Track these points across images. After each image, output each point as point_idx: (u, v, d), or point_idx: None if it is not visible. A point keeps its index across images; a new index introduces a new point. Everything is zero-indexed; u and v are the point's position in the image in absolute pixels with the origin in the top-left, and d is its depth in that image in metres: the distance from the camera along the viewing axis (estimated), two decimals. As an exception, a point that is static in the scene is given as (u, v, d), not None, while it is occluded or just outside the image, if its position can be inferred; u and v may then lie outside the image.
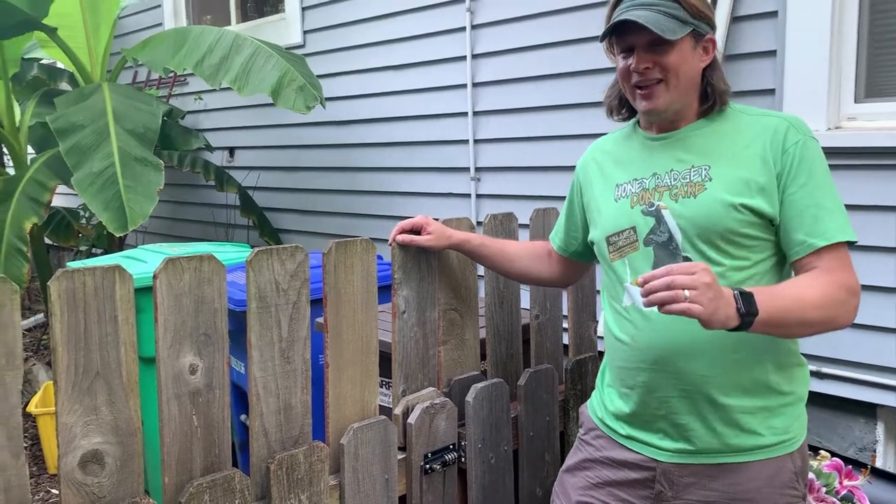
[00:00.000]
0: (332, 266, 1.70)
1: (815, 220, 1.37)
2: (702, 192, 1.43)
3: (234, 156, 5.09)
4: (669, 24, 1.40)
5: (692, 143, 1.48)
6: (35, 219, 3.76)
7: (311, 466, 1.63)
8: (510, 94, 3.45)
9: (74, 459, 1.35)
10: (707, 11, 1.45)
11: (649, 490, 1.51)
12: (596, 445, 1.62)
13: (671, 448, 1.48)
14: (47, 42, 4.36)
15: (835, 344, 2.52)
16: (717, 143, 1.46)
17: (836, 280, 1.35)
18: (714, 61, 1.48)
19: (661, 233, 1.46)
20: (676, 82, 1.44)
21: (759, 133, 1.44)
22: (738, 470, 1.44)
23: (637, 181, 1.53)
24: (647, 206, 1.49)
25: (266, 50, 3.73)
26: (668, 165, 1.49)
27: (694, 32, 1.43)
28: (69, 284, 1.32)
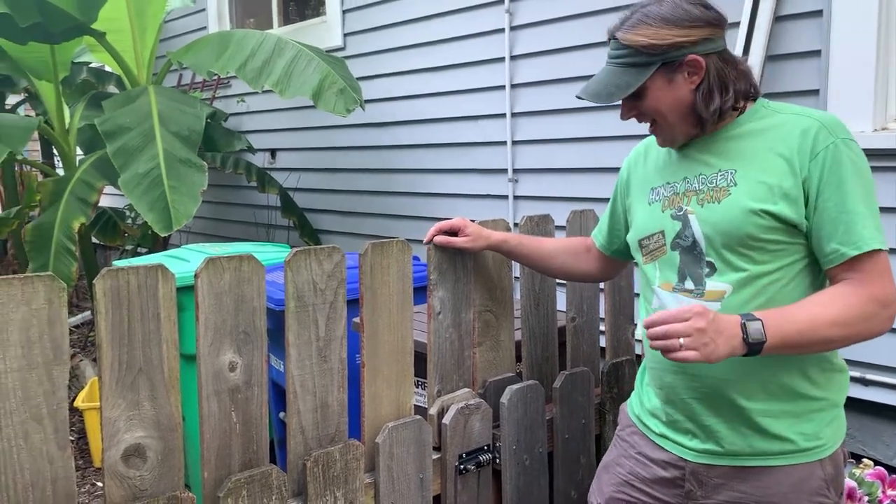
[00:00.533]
0: (368, 267, 1.72)
1: (847, 228, 1.33)
2: (725, 197, 1.41)
3: (276, 157, 5.16)
4: (622, 79, 1.41)
5: (722, 147, 1.46)
6: (83, 218, 3.86)
7: (346, 464, 1.65)
8: (548, 95, 3.44)
9: (118, 453, 1.39)
10: (672, 38, 1.38)
11: (679, 489, 1.52)
12: (630, 442, 1.63)
13: (699, 448, 1.48)
14: (96, 46, 4.47)
15: (880, 350, 2.46)
16: (745, 145, 1.43)
17: (867, 293, 1.31)
18: (707, 76, 1.40)
19: (686, 237, 1.46)
20: (665, 121, 1.46)
21: (788, 135, 1.39)
22: (766, 473, 1.43)
23: (669, 185, 1.53)
24: (675, 210, 1.49)
25: (307, 53, 3.78)
26: (698, 170, 1.48)
27: (663, 67, 1.40)
28: (114, 283, 1.36)
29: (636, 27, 1.41)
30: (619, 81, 1.42)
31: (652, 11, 1.41)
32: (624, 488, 1.61)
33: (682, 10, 1.40)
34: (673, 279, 1.48)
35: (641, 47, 1.40)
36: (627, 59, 1.42)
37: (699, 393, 1.46)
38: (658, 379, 1.54)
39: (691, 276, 1.45)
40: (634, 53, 1.41)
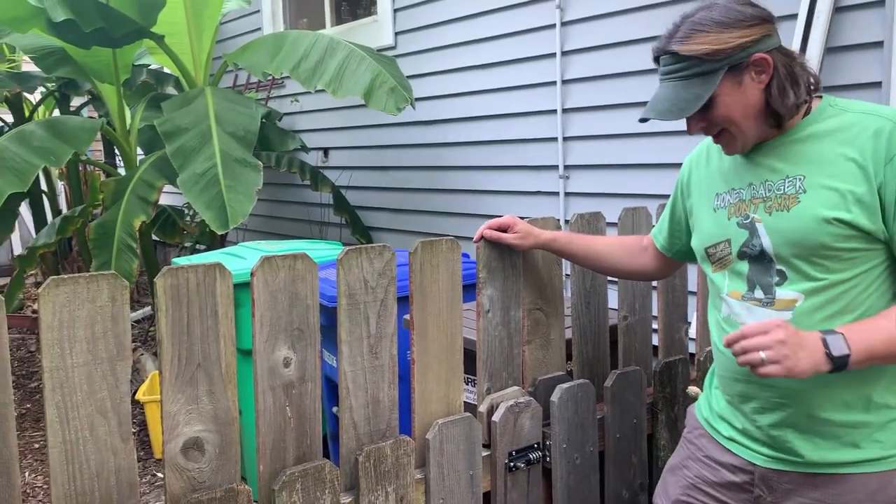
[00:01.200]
0: (417, 265, 1.74)
1: None
2: (795, 205, 1.36)
3: (328, 156, 5.23)
4: (690, 92, 1.35)
5: (787, 152, 1.41)
6: (144, 217, 3.98)
7: (397, 460, 1.67)
8: (600, 90, 3.41)
9: (177, 446, 1.44)
10: (735, 40, 1.33)
11: (748, 494, 1.49)
12: (698, 445, 1.60)
13: (770, 455, 1.45)
14: (155, 49, 4.60)
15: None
16: (813, 149, 1.38)
17: None
18: (777, 75, 1.36)
19: (754, 246, 1.42)
20: (737, 127, 1.39)
21: (858, 137, 1.33)
22: (839, 481, 1.39)
23: (734, 191, 1.48)
24: (742, 217, 1.45)
25: (359, 53, 3.82)
26: (764, 176, 1.43)
27: (730, 71, 1.34)
28: (174, 281, 1.41)
29: (692, 37, 1.35)
30: (688, 95, 1.35)
31: (704, 18, 1.35)
32: (691, 491, 1.58)
33: (736, 11, 1.35)
34: (742, 288, 1.44)
35: (705, 55, 1.33)
36: (690, 70, 1.35)
37: (771, 403, 1.42)
38: (728, 386, 1.51)
39: (760, 284, 1.41)
40: (697, 63, 1.34)
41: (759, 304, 1.42)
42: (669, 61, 1.38)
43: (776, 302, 1.39)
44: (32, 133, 3.92)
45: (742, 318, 1.44)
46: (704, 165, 1.60)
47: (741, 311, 1.44)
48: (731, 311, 1.47)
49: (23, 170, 3.70)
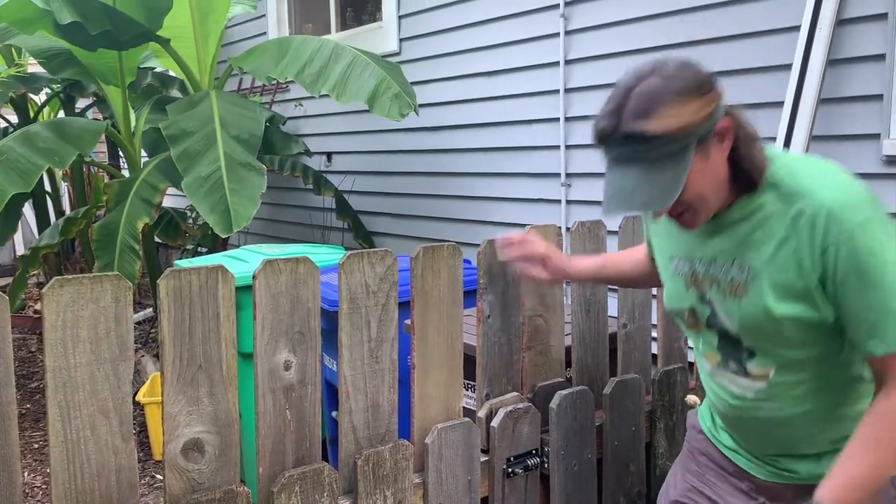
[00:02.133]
0: (419, 270, 1.75)
1: (873, 327, 1.20)
2: (744, 294, 1.31)
3: (332, 160, 5.25)
4: (665, 176, 1.19)
5: (733, 232, 1.32)
6: (147, 219, 4.00)
7: (396, 464, 1.68)
8: (602, 99, 3.41)
9: (177, 447, 1.45)
10: (701, 110, 1.20)
11: (753, 501, 1.50)
12: (701, 449, 1.61)
13: (769, 471, 1.47)
14: (161, 52, 4.62)
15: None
16: (757, 232, 1.29)
17: None
18: (738, 136, 1.26)
19: (719, 323, 1.39)
20: (703, 202, 1.27)
21: (794, 223, 1.24)
22: None
23: (687, 262, 1.42)
24: (700, 293, 1.41)
25: (363, 58, 3.84)
26: (713, 254, 1.36)
27: (698, 145, 1.21)
28: (176, 283, 1.42)
29: (654, 111, 1.18)
30: (664, 180, 1.20)
31: (660, 89, 1.20)
32: (691, 494, 1.59)
33: (692, 79, 1.21)
34: (716, 356, 1.44)
35: (676, 132, 1.18)
36: (659, 150, 1.19)
37: (763, 441, 1.44)
38: (723, 418, 1.51)
39: (731, 358, 1.41)
40: (667, 142, 1.18)
41: (735, 374, 1.42)
42: (630, 142, 1.20)
43: (749, 375, 1.39)
44: (37, 134, 3.94)
45: (722, 382, 1.45)
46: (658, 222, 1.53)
47: (720, 378, 1.45)
48: (712, 371, 1.48)
49: (27, 170, 3.72)
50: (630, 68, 1.26)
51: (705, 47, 2.98)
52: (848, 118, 2.59)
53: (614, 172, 1.24)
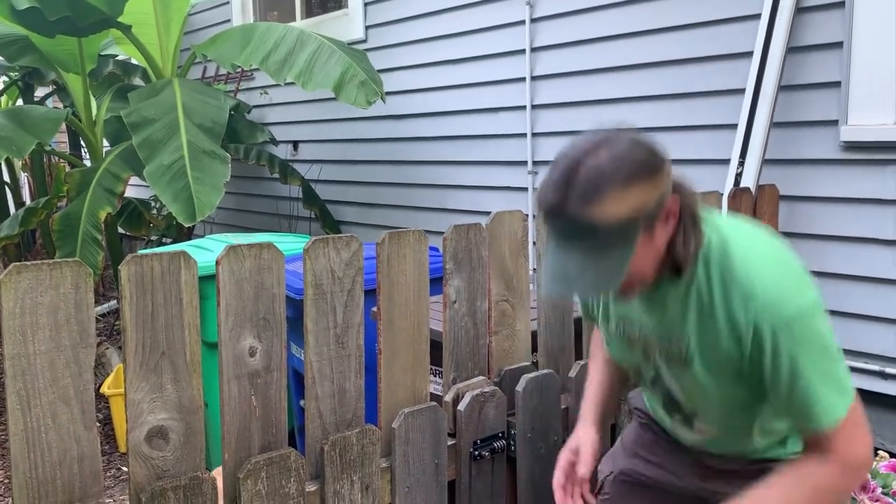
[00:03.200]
0: (385, 256, 1.75)
1: (802, 411, 1.22)
2: (687, 371, 1.32)
3: (298, 149, 5.21)
4: (609, 262, 1.15)
5: (669, 305, 1.30)
6: (109, 208, 3.94)
7: (363, 448, 1.68)
8: (569, 87, 3.45)
9: (141, 434, 1.44)
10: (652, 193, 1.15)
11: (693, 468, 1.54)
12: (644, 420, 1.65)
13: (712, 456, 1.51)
14: (122, 39, 4.54)
15: (899, 344, 2.45)
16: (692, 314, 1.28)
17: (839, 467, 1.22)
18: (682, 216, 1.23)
19: (664, 385, 1.42)
20: (642, 280, 1.23)
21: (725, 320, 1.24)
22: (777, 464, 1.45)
23: (629, 322, 1.40)
24: (645, 356, 1.41)
25: (329, 46, 3.81)
26: (653, 322, 1.34)
27: (644, 227, 1.16)
28: (138, 269, 1.40)
29: (603, 196, 1.11)
30: (607, 265, 1.15)
31: (612, 172, 1.12)
32: (635, 459, 1.63)
33: (644, 157, 1.15)
34: (663, 407, 1.49)
35: (623, 219, 1.12)
36: (604, 239, 1.14)
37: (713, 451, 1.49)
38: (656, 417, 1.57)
39: (678, 413, 1.45)
40: (614, 228, 1.13)
41: (680, 423, 1.47)
42: (578, 227, 1.14)
43: (694, 429, 1.45)
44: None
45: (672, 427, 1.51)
46: None
47: (668, 422, 1.51)
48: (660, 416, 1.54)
49: (-15, 159, 3.64)
50: (579, 136, 1.19)
51: (670, 34, 3.01)
52: (807, 105, 2.64)
53: (557, 252, 1.18)
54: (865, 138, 2.47)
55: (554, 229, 1.17)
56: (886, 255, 2.46)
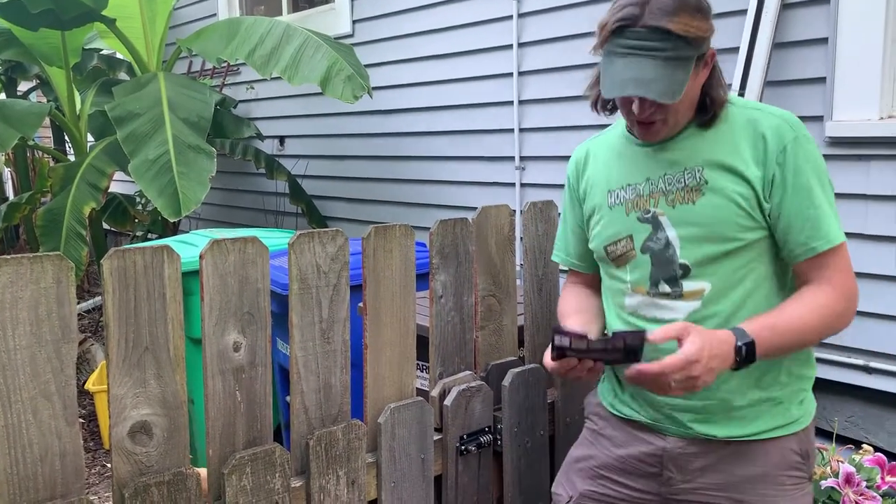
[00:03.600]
0: (371, 250, 1.74)
1: (814, 224, 1.35)
2: (700, 197, 1.40)
3: (285, 144, 5.19)
4: (677, 78, 1.29)
5: (683, 146, 1.44)
6: (93, 204, 3.91)
7: (349, 443, 1.68)
8: (556, 82, 3.44)
9: (124, 429, 1.42)
10: (706, 30, 1.33)
11: (657, 478, 1.53)
12: (606, 435, 1.63)
13: (680, 433, 1.50)
14: (106, 33, 4.50)
15: (884, 338, 2.47)
16: (708, 143, 1.42)
17: (837, 293, 1.35)
18: (713, 69, 1.40)
19: (658, 239, 1.44)
20: (676, 119, 1.40)
21: (749, 132, 1.39)
22: (746, 452, 1.46)
23: (630, 187, 1.49)
24: (643, 212, 1.47)
25: (315, 40, 3.79)
26: (661, 170, 1.45)
27: (696, 60, 1.33)
28: (120, 263, 1.39)
29: (679, 15, 1.27)
30: (675, 78, 1.29)
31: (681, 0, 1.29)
32: (600, 480, 1.61)
33: (705, 3, 1.34)
34: (645, 284, 1.47)
35: (692, 39, 1.29)
36: (675, 51, 1.28)
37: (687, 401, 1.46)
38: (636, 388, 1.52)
39: (665, 279, 1.45)
40: (683, 46, 1.28)
41: (666, 297, 1.45)
42: (656, 37, 1.28)
43: (685, 294, 1.43)
44: (-24, 117, 3.81)
45: (651, 313, 1.48)
46: (592, 168, 1.60)
47: (649, 306, 1.48)
48: (636, 306, 1.50)
49: (-34, 154, 3.60)
50: None
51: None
52: (793, 100, 2.65)
53: (629, 61, 1.30)
54: (850, 134, 2.49)
55: (625, 43, 1.30)
56: (870, 250, 2.48)
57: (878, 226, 2.45)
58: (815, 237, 1.35)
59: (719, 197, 1.39)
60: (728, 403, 1.44)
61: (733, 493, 1.46)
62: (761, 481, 1.45)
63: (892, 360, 2.46)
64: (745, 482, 1.45)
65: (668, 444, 1.51)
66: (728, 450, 1.46)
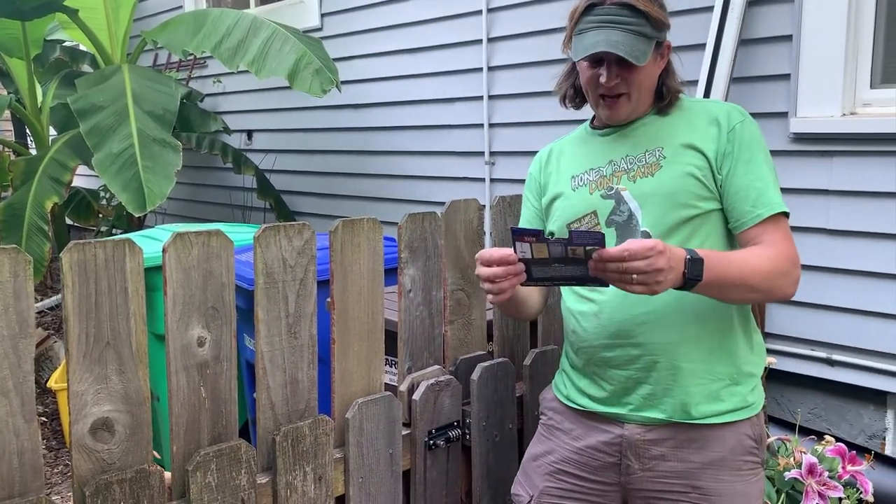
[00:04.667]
0: (339, 244, 1.73)
1: (759, 192, 1.47)
2: (658, 170, 1.51)
3: (252, 139, 5.13)
4: (640, 47, 1.45)
5: (644, 132, 1.56)
6: (56, 198, 3.83)
7: (316, 439, 1.66)
8: (525, 78, 3.44)
9: (85, 426, 1.39)
10: (665, 18, 1.49)
11: (616, 468, 1.55)
12: (562, 429, 1.64)
13: (638, 419, 1.52)
14: (69, 24, 4.41)
15: (845, 331, 2.51)
16: (665, 128, 1.55)
17: (781, 252, 1.44)
18: (668, 62, 1.56)
19: (622, 212, 1.52)
20: (638, 95, 1.52)
21: (704, 117, 1.53)
22: (703, 438, 1.49)
23: (594, 170, 1.59)
24: (605, 190, 1.55)
25: (283, 33, 3.75)
26: (623, 152, 1.56)
27: (656, 44, 1.49)
28: (80, 256, 1.36)
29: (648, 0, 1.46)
30: (640, 46, 1.44)
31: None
32: (560, 476, 1.62)
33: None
34: None
35: (656, 21, 1.46)
36: (640, 27, 1.45)
37: (644, 361, 1.50)
38: (592, 355, 1.56)
39: None
40: (646, 24, 1.45)
41: None
42: (623, 12, 1.45)
43: None
44: (-67, 108, 3.71)
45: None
46: (555, 163, 1.69)
47: None
48: None
49: (-78, 147, 3.50)
50: None
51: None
52: (758, 96, 2.68)
53: (598, 31, 1.45)
54: (813, 130, 2.52)
55: (595, 17, 1.46)
56: (831, 244, 2.52)
57: (840, 221, 2.49)
58: (761, 204, 1.46)
59: (677, 168, 1.50)
60: (685, 388, 1.48)
61: (692, 479, 1.49)
62: (718, 467, 1.48)
63: (854, 353, 2.50)
64: (703, 468, 1.48)
65: (627, 432, 1.53)
66: (686, 435, 1.49)
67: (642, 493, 1.53)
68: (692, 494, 1.49)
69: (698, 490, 1.48)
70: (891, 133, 2.35)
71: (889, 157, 2.37)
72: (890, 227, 2.38)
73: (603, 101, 1.54)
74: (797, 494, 1.85)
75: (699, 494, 1.48)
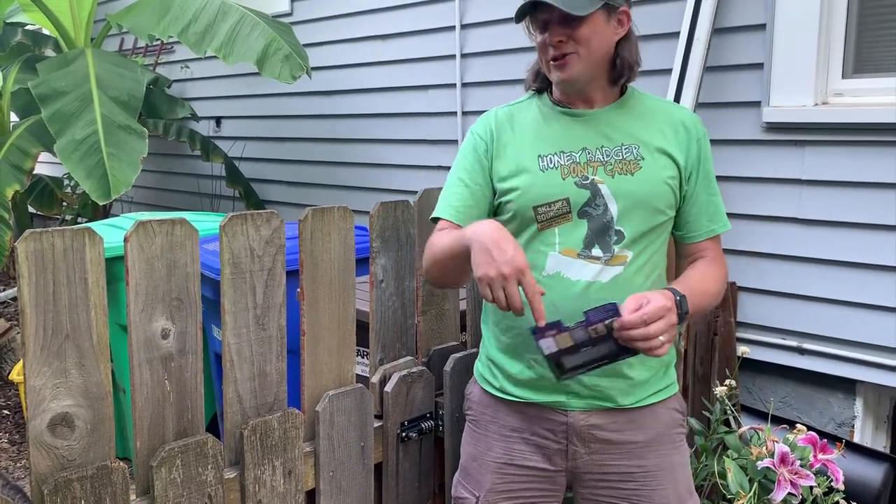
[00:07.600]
0: (308, 233, 1.68)
1: (716, 207, 1.58)
2: (637, 170, 1.51)
3: (221, 125, 5.04)
4: (579, 1, 1.42)
5: (614, 122, 1.54)
6: (17, 186, 3.72)
7: (285, 433, 1.62)
8: (499, 65, 3.41)
9: (43, 422, 1.34)
10: None
11: (563, 454, 1.54)
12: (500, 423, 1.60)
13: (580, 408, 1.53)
14: (30, 6, 4.29)
15: (815, 320, 2.52)
16: (637, 124, 1.55)
17: (723, 271, 1.59)
18: (629, 34, 1.52)
19: (597, 206, 1.50)
20: (588, 53, 1.47)
21: (668, 120, 1.56)
22: (642, 417, 1.54)
23: (565, 154, 1.53)
24: (580, 178, 1.51)
25: (252, 17, 3.68)
26: (598, 142, 1.53)
27: (606, 6, 1.45)
28: (37, 246, 1.30)
29: None
30: (574, 1, 1.42)
31: None
32: (504, 469, 1.57)
33: None
34: (577, 246, 1.49)
35: None
36: None
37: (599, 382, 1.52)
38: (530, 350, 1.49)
39: (599, 243, 1.49)
40: None
41: (596, 261, 1.48)
42: None
43: (613, 258, 1.49)
44: None
45: (573, 275, 1.48)
46: (510, 131, 1.58)
47: (573, 268, 1.48)
48: (560, 267, 1.49)
49: None
50: None
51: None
52: (731, 85, 2.68)
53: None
54: (786, 119, 2.52)
55: None
56: (802, 233, 2.52)
57: (812, 210, 2.50)
58: (716, 220, 1.58)
59: (655, 173, 1.51)
60: (628, 379, 1.52)
61: (636, 459, 1.53)
62: (658, 442, 1.55)
63: (824, 342, 2.52)
64: (645, 446, 1.54)
65: (570, 419, 1.53)
66: (627, 417, 1.53)
67: (588, 476, 1.54)
68: (637, 473, 1.53)
69: (643, 468, 1.53)
70: (862, 123, 2.36)
71: (860, 146, 2.38)
72: (861, 216, 2.40)
73: (553, 62, 1.50)
74: (769, 483, 1.85)
75: (644, 472, 1.53)
